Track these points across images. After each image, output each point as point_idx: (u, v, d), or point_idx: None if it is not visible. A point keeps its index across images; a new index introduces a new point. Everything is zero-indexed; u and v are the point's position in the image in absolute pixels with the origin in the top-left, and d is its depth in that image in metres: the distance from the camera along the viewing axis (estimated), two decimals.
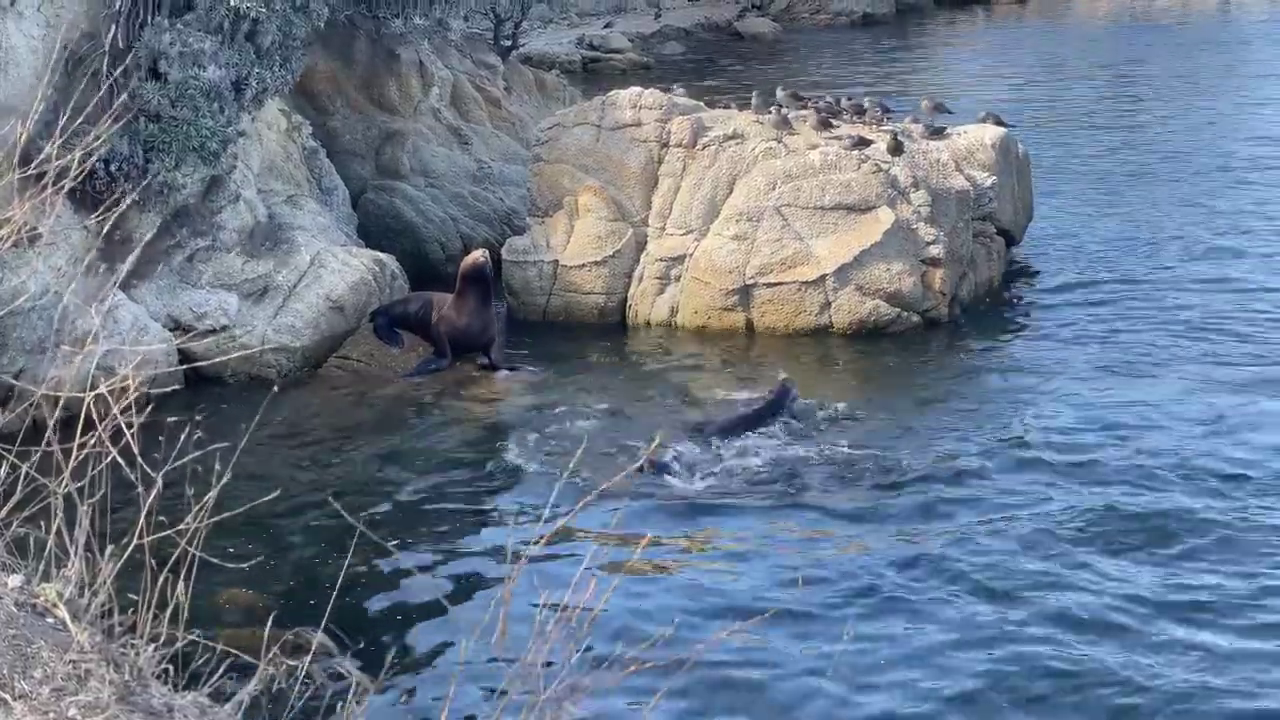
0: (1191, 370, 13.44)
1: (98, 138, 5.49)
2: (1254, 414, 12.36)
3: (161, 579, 4.32)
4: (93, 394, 4.48)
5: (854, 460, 11.65)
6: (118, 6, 13.22)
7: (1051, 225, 18.09)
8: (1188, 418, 12.28)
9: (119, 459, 4.49)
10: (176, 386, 11.81)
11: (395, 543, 10.15)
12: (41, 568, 4.54)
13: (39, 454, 4.57)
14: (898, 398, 13.21)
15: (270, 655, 4.27)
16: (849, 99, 16.87)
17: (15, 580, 4.49)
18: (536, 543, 4.53)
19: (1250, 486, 10.94)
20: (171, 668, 4.27)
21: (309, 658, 4.51)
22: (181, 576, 4.34)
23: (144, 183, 12.83)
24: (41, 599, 4.38)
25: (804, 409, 12.46)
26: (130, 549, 4.37)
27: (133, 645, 4.15)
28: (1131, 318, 14.94)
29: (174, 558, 4.41)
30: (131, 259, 12.02)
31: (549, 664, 4.28)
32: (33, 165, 5.42)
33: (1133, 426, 12.14)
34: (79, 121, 6.01)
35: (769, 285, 14.68)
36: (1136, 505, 10.63)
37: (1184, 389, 12.97)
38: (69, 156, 5.16)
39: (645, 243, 15.41)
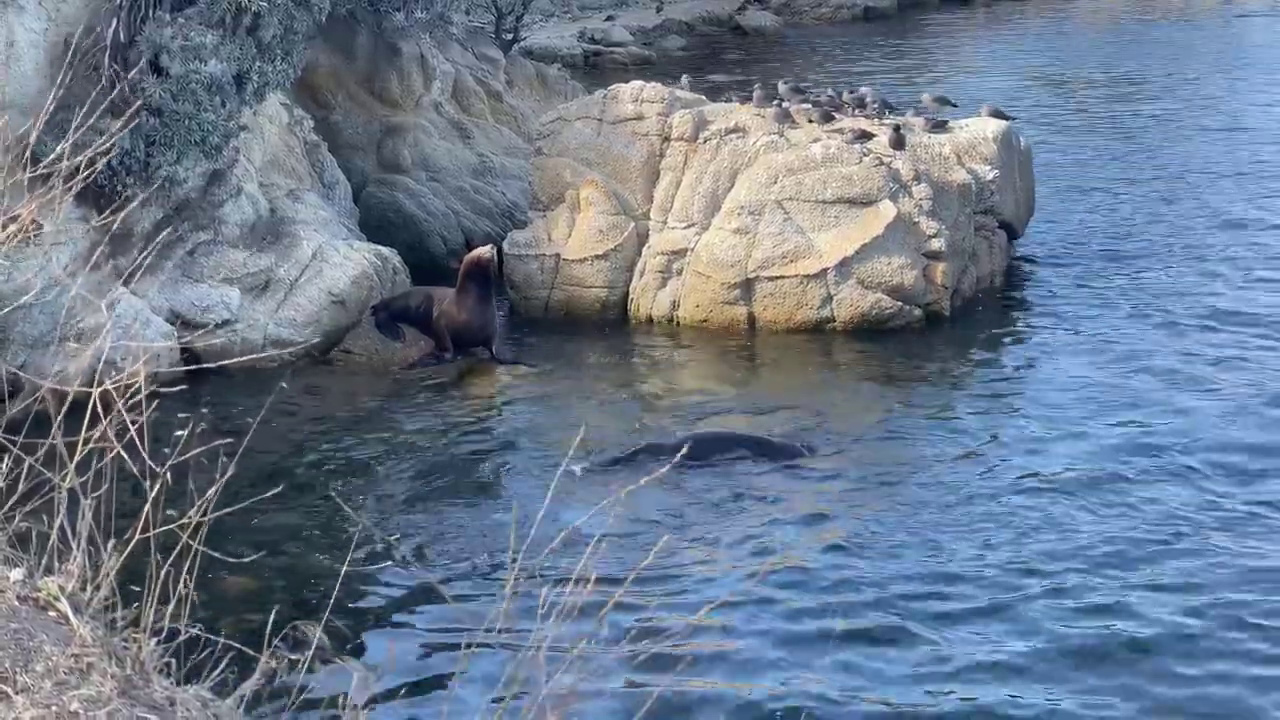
0: (1194, 364, 13.42)
1: (106, 136, 5.49)
2: (1256, 407, 12.36)
3: (164, 573, 4.32)
4: (99, 389, 4.48)
5: (855, 456, 11.64)
6: (118, 1, 13.21)
7: (1053, 219, 18.07)
8: (1189, 412, 12.28)
9: (123, 453, 4.49)
10: (182, 386, 11.81)
11: (397, 536, 10.16)
12: (44, 561, 4.54)
13: (44, 447, 4.57)
14: (899, 394, 13.20)
15: (272, 649, 4.27)
16: (850, 92, 16.84)
17: (17, 574, 4.48)
18: (549, 548, 4.52)
19: (1263, 477, 10.98)
20: (174, 661, 4.27)
21: (310, 652, 4.51)
22: (184, 570, 4.34)
23: (145, 177, 12.82)
24: (43, 593, 4.38)
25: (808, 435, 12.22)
26: (133, 543, 4.37)
27: (135, 639, 4.15)
28: (1132, 312, 14.91)
29: (176, 551, 4.41)
30: (141, 257, 12.04)
31: (550, 660, 4.28)
32: (41, 165, 5.42)
33: (1134, 421, 12.14)
34: (81, 114, 6.01)
35: (770, 279, 14.67)
36: (1141, 499, 10.64)
37: (1187, 382, 12.96)
38: (79, 158, 5.16)
39: (647, 237, 15.40)
